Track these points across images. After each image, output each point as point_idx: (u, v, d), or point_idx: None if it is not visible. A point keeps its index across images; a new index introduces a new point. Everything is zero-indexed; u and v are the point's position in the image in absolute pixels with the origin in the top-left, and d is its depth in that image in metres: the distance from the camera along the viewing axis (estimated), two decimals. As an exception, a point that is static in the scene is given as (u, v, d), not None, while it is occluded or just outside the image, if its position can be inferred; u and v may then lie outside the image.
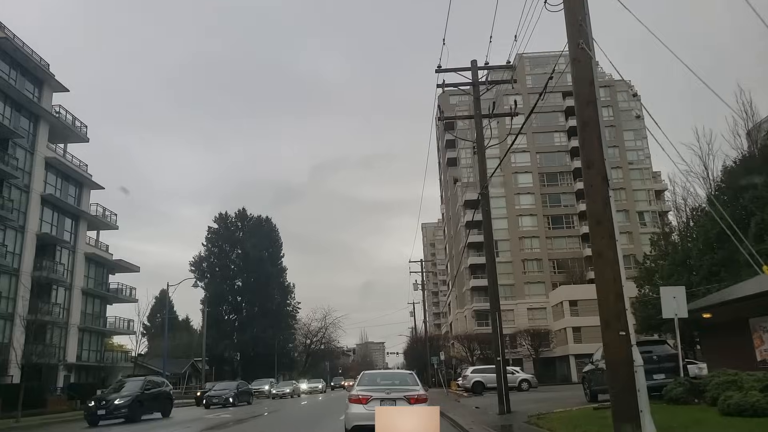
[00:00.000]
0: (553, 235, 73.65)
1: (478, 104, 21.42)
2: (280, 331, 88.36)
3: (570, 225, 74.14)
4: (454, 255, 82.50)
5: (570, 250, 72.53)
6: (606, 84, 77.59)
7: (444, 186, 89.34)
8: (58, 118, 43.73)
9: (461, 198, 77.95)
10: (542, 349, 64.64)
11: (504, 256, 73.23)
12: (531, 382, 38.48)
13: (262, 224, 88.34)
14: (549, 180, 75.23)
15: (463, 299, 78.48)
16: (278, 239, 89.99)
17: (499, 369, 18.40)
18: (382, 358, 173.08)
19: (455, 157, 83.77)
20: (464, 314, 77.35)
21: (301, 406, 32.73)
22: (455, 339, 66.56)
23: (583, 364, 62.77)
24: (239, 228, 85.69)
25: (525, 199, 74.13)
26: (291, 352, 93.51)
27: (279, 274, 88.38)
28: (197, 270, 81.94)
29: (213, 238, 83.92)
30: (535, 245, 73.15)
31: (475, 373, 38.06)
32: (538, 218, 73.65)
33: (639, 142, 76.08)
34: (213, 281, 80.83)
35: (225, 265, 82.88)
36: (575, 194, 74.67)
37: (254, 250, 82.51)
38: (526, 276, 71.87)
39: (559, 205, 74.72)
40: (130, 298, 54.87)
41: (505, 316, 71.74)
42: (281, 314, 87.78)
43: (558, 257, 72.46)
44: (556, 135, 76.96)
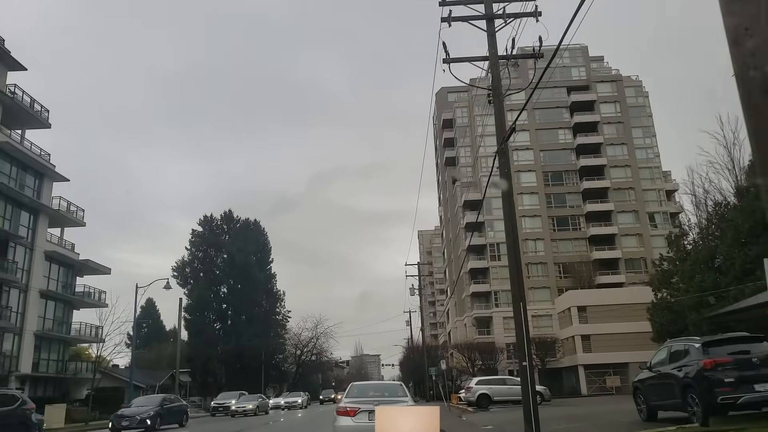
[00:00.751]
0: (559, 237, 69.16)
1: (493, 41, 16.76)
2: (268, 340, 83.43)
3: (576, 227, 69.67)
4: (453, 259, 77.90)
5: (576, 253, 68.01)
6: (613, 79, 73.57)
7: (442, 187, 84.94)
8: (13, 99, 39.14)
9: (460, 198, 73.47)
10: (548, 359, 59.95)
11: (506, 260, 68.50)
12: (544, 394, 33.73)
13: (250, 227, 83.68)
14: (554, 179, 70.85)
15: (463, 306, 73.80)
16: (267, 244, 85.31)
17: (526, 376, 13.80)
18: (377, 370, 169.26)
19: (453, 156, 79.41)
20: (464, 322, 72.63)
21: (257, 429, 27.29)
22: (454, 348, 61.79)
23: (594, 376, 58.32)
24: (225, 231, 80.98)
25: (528, 199, 69.69)
26: (281, 364, 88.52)
27: (267, 281, 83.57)
28: (180, 275, 77.09)
29: (197, 242, 79.15)
30: (540, 248, 68.62)
31: (481, 384, 33.35)
32: (543, 219, 69.19)
33: (648, 140, 71.90)
34: (197, 287, 76.02)
35: (210, 270, 77.98)
36: (581, 194, 70.27)
37: (240, 254, 77.75)
38: (530, 281, 67.22)
39: (564, 205, 70.28)
40: (99, 302, 50.08)
41: (506, 323, 66.96)
42: (269, 323, 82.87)
43: (564, 260, 67.92)
44: (560, 132, 72.72)
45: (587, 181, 69.58)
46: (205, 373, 73.78)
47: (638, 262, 67.21)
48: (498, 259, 68.56)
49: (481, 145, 71.40)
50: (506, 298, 66.70)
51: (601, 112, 72.12)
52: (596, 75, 74.78)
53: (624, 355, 53.40)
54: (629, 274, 66.15)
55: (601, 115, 72.01)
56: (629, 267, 66.92)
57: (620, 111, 72.22)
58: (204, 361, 71.87)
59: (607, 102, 72.52)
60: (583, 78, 74.22)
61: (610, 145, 71.00)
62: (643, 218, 68.29)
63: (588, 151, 70.80)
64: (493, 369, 60.33)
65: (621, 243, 67.66)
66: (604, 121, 71.93)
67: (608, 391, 54.94)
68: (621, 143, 70.91)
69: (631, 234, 67.93)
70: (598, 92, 72.91)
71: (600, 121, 71.77)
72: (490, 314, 67.70)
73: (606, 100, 72.61)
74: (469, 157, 75.24)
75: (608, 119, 71.99)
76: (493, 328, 66.73)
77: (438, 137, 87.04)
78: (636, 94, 73.52)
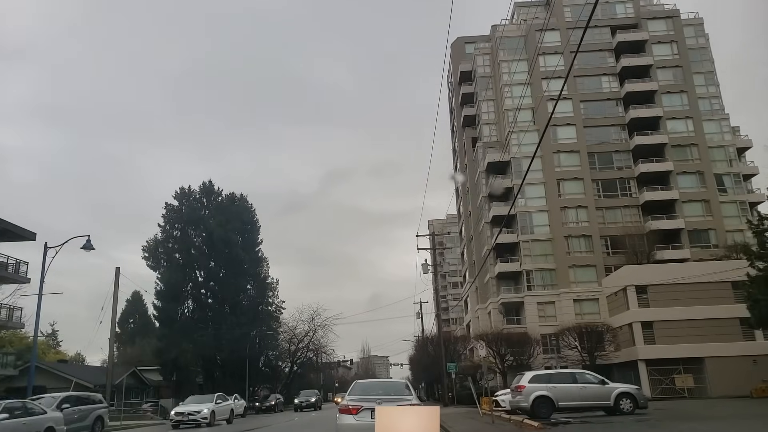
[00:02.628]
0: (605, 204, 56.39)
1: None
2: (256, 333, 71.38)
3: (626, 191, 56.91)
4: (474, 237, 65.39)
5: (628, 224, 55.24)
6: (667, 15, 60.79)
7: (459, 154, 72.23)
8: None
9: (483, 162, 61.01)
10: (597, 353, 47.32)
11: (540, 233, 56.01)
12: (638, 398, 21.26)
13: (235, 202, 71.49)
14: (598, 136, 58.12)
15: (486, 291, 61.31)
16: (255, 222, 73.08)
17: None
18: (386, 371, 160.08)
19: (473, 114, 66.83)
20: (487, 310, 60.14)
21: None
22: (480, 338, 49.38)
23: (658, 374, 45.48)
24: (204, 205, 68.82)
25: (567, 158, 57.08)
26: (273, 361, 76.39)
27: (256, 264, 71.35)
28: (151, 256, 65.12)
29: (172, 218, 67.05)
30: (582, 217, 55.92)
31: (538, 382, 20.88)
32: (585, 183, 56.50)
33: (712, 89, 58.98)
34: (169, 269, 63.91)
35: (186, 251, 65.81)
36: (631, 152, 57.55)
37: (220, 230, 65.60)
38: (571, 257, 54.61)
39: (611, 166, 57.53)
40: (17, 276, 38.21)
41: (542, 309, 54.25)
42: (257, 313, 70.76)
43: (612, 233, 55.15)
44: (604, 79, 60.00)
45: (639, 136, 56.72)
46: (178, 370, 61.68)
47: (705, 234, 54.27)
48: (530, 232, 55.99)
49: (508, 95, 58.91)
50: (541, 278, 54.30)
51: (654, 55, 59.33)
52: (646, 12, 62.00)
53: (698, 348, 41.17)
54: (695, 249, 53.28)
55: (654, 57, 59.21)
56: (694, 240, 53.99)
57: (678, 53, 59.37)
58: (175, 357, 59.70)
59: (662, 42, 59.70)
60: (630, 15, 61.50)
61: (666, 94, 58.15)
62: (709, 181, 55.33)
63: (639, 101, 58.00)
64: (525, 365, 48.03)
65: (683, 210, 54.73)
66: (658, 65, 59.11)
67: (678, 393, 42.49)
68: (680, 91, 58.08)
69: (695, 200, 54.96)
70: (649, 31, 60.11)
71: (653, 65, 58.97)
72: (520, 298, 55.09)
73: (660, 40, 59.79)
74: (492, 113, 62.72)
75: (663, 63, 59.14)
76: (525, 316, 54.14)
77: (454, 96, 74.59)
78: (696, 33, 60.63)
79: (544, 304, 53.74)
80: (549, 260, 54.92)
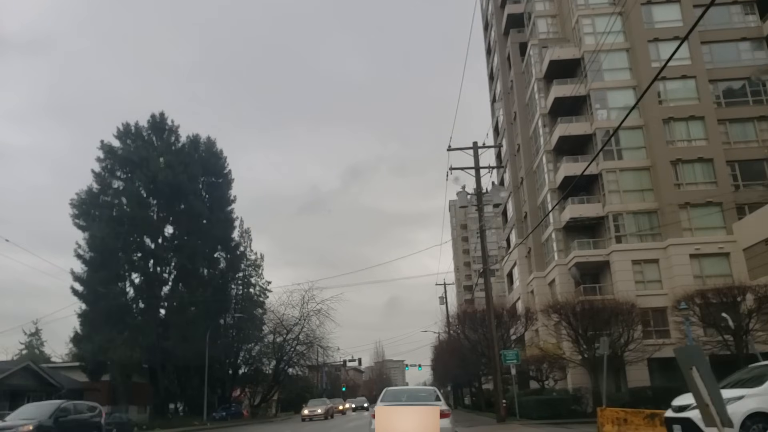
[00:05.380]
0: (729, 115, 37.52)
1: None
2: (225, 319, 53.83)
3: (759, 96, 38.09)
4: (524, 180, 46.83)
5: (765, 143, 36.44)
6: None
7: (499, 74, 53.34)
8: None
9: (540, 66, 42.62)
10: (750, 332, 28.49)
11: (632, 157, 37.43)
12: None
13: (198, 146, 53.78)
14: (715, 18, 39.17)
15: (545, 253, 42.86)
16: (227, 175, 55.30)
17: None
18: (401, 376, 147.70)
19: (520, 12, 48.35)
20: (547, 279, 41.69)
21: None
22: (554, 310, 30.67)
23: None
24: (155, 146, 51.00)
25: (668, 50, 38.29)
26: (256, 358, 58.56)
27: (225, 227, 53.58)
28: (81, 214, 47.51)
29: (110, 165, 49.44)
30: (697, 134, 37.15)
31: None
32: (698, 83, 37.72)
33: None
34: (105, 231, 46.06)
35: (129, 207, 48.07)
36: (765, 40, 38.76)
37: (177, 181, 47.87)
38: (682, 192, 35.90)
39: (735, 59, 38.68)
40: None
41: (640, 272, 34.70)
42: (227, 291, 52.99)
43: (742, 157, 36.38)
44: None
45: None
46: (112, 369, 43.76)
47: None
48: (619, 157, 37.47)
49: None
50: (636, 225, 35.86)
51: None
52: None
53: None
54: None
55: None
56: None
57: None
58: (105, 350, 41.69)
59: None
60: None
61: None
62: None
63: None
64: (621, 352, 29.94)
65: None
66: None
67: None
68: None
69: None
70: None
71: None
72: (604, 256, 36.44)
73: None
74: (548, 0, 44.32)
75: None
76: (613, 282, 35.47)
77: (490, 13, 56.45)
78: None
79: (641, 263, 35.12)
80: (647, 197, 36.31)
